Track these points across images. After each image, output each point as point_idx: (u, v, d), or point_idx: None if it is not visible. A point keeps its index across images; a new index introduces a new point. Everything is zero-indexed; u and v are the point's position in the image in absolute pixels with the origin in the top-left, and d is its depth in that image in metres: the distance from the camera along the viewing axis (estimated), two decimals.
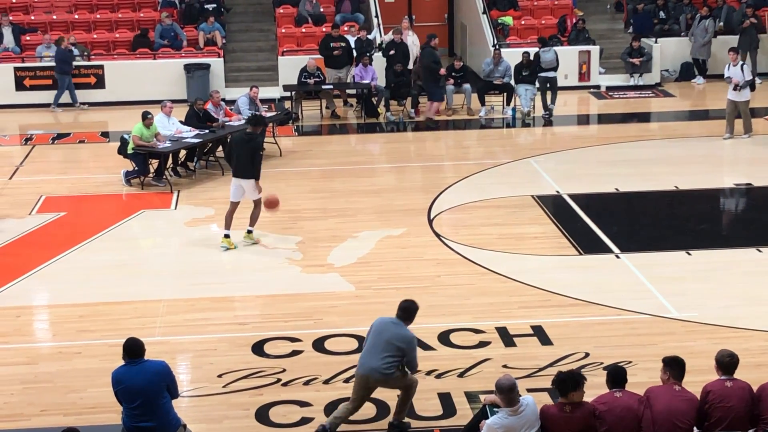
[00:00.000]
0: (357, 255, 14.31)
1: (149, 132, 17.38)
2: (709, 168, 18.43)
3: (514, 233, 15.02)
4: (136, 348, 8.57)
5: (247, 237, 14.72)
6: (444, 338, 11.59)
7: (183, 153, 18.26)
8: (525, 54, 22.34)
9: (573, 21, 25.21)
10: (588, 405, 8.33)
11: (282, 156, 19.36)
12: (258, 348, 11.43)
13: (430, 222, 15.58)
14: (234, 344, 11.56)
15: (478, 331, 11.73)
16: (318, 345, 11.46)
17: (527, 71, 22.17)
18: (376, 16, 25.34)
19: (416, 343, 9.45)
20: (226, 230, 14.58)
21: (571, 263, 13.95)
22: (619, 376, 8.54)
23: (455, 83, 22.55)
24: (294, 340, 11.59)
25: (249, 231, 14.71)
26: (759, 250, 14.15)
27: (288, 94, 22.62)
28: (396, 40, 22.89)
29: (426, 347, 11.35)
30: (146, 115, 17.42)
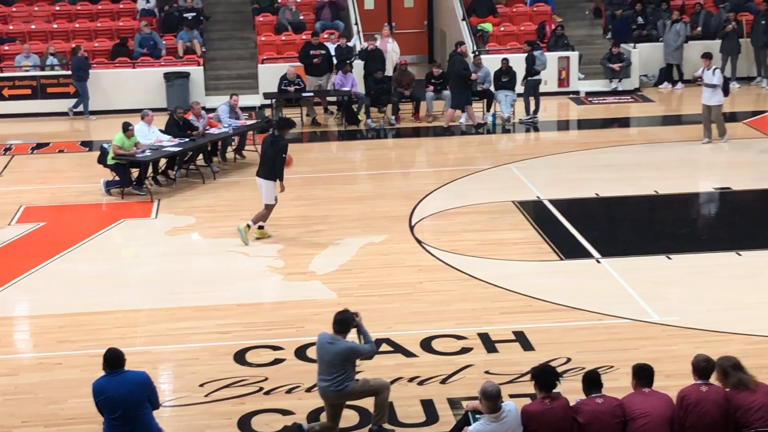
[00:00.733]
0: (339, 262, 14.30)
1: (130, 141, 17.35)
2: (689, 172, 18.52)
3: (496, 239, 15.05)
4: (117, 358, 8.52)
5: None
6: (426, 345, 11.59)
7: (163, 162, 18.22)
8: (504, 60, 22.40)
9: (552, 27, 25.30)
10: (563, 397, 8.37)
11: None
12: (240, 357, 11.40)
13: (412, 229, 15.58)
14: (216, 353, 11.52)
15: (461, 338, 11.73)
16: (300, 353, 11.44)
17: (507, 77, 22.22)
18: (356, 24, 25.35)
19: (356, 346, 9.35)
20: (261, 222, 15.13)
21: (553, 268, 13.98)
22: (594, 380, 8.53)
23: (435, 90, 22.58)
24: (276, 349, 11.57)
25: (248, 225, 15.00)
26: (739, 254, 14.22)
27: (268, 102, 22.61)
28: (370, 48, 22.93)
29: (408, 354, 11.36)
30: (127, 127, 17.43)
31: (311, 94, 22.66)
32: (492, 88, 22.37)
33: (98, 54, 24.69)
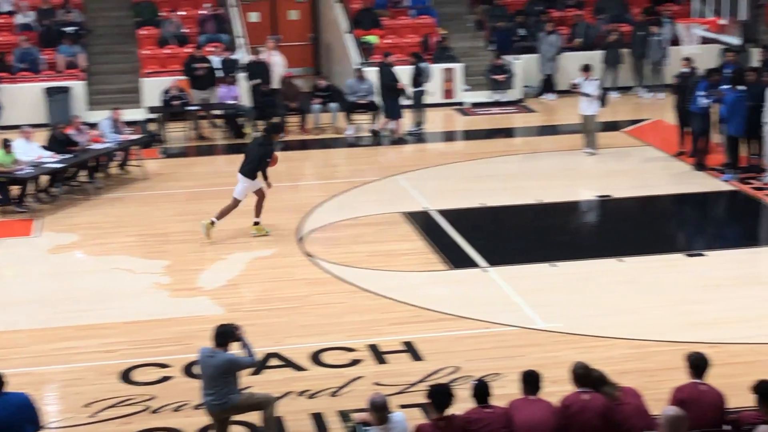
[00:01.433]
0: (226, 277, 14.20)
1: (9, 158, 16.96)
2: (571, 181, 18.88)
3: (384, 250, 15.11)
4: None
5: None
6: (316, 358, 11.57)
7: (45, 178, 17.82)
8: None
9: (436, 39, 25.55)
10: (457, 418, 8.40)
11: (148, 179, 19.08)
12: (126, 375, 11.22)
13: (300, 242, 15.55)
14: (101, 372, 11.31)
15: (350, 350, 11.75)
16: (188, 370, 11.30)
17: None
18: (241, 36, 25.21)
19: (235, 358, 9.27)
20: (256, 218, 15.64)
21: (441, 278, 14.11)
22: (483, 391, 8.60)
23: (322, 102, 22.59)
24: (163, 366, 11.41)
25: (212, 222, 15.46)
26: (620, 260, 14.55)
27: (153, 116, 22.31)
28: (254, 61, 22.86)
29: (298, 368, 11.33)
30: (6, 143, 17.06)
31: (196, 108, 22.45)
32: (377, 100, 22.48)
33: None
